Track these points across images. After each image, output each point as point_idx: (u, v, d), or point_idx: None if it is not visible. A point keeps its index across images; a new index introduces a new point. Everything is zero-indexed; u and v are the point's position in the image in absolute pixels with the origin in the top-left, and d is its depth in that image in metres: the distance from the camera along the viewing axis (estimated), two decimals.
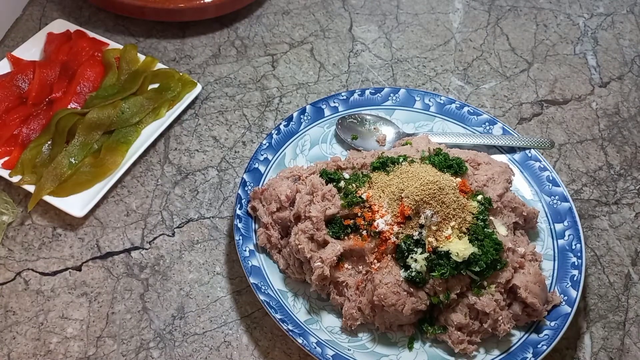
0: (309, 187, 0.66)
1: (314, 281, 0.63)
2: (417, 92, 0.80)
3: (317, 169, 0.70)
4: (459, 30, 0.98)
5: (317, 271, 0.62)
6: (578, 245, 0.69)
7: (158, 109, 0.81)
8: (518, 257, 0.64)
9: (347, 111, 0.79)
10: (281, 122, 0.77)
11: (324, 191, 0.65)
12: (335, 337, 0.64)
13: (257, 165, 0.73)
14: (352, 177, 0.68)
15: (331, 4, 1.00)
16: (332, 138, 0.78)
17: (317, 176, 0.68)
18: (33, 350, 0.65)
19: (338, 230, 0.65)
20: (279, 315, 0.62)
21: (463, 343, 0.62)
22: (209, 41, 0.93)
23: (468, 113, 0.79)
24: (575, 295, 0.65)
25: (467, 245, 0.61)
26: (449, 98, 0.80)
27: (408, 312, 0.61)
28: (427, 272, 0.62)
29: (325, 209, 0.64)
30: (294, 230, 0.65)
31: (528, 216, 0.70)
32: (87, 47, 0.85)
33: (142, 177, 0.78)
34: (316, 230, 0.64)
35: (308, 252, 0.63)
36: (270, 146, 0.75)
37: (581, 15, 1.01)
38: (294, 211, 0.66)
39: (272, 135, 0.75)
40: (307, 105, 0.78)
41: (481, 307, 0.61)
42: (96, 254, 0.71)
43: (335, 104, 0.79)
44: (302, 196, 0.66)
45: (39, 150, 0.75)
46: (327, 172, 0.68)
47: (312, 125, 0.78)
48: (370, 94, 0.81)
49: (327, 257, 0.62)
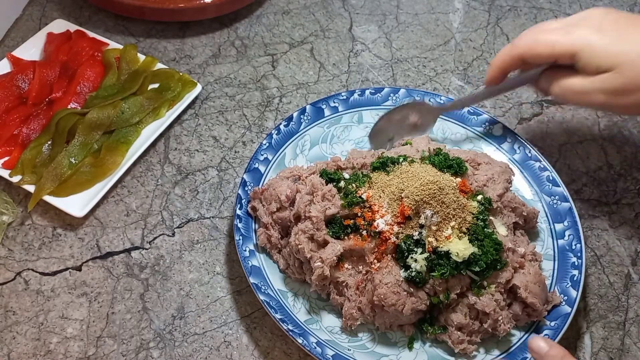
0: (309, 187, 0.66)
1: (314, 281, 0.63)
2: (417, 92, 0.80)
3: (317, 169, 0.70)
4: (459, 30, 0.98)
5: (317, 271, 0.62)
6: (578, 245, 0.69)
7: (158, 109, 0.81)
8: (518, 257, 0.65)
9: (346, 111, 0.79)
10: (281, 122, 0.77)
11: (324, 191, 0.65)
12: (335, 337, 0.64)
13: (257, 165, 0.73)
14: (352, 177, 0.68)
15: (331, 4, 1.00)
16: (332, 138, 0.78)
17: (317, 176, 0.68)
18: (33, 350, 0.65)
19: (338, 230, 0.65)
20: (279, 315, 0.63)
21: (463, 343, 0.62)
22: (209, 41, 0.93)
23: (468, 113, 0.79)
24: (575, 295, 0.65)
25: (467, 245, 0.61)
26: (449, 98, 0.80)
27: (408, 312, 0.61)
28: (427, 272, 0.62)
29: (326, 209, 0.64)
30: (294, 230, 0.65)
31: (528, 216, 0.70)
32: (87, 47, 0.85)
33: (142, 177, 0.78)
34: (316, 230, 0.64)
35: (308, 252, 0.63)
36: (271, 146, 0.75)
37: None
38: (294, 211, 0.66)
39: (272, 135, 0.75)
40: (307, 105, 0.78)
41: (481, 307, 0.61)
42: (96, 254, 0.72)
43: (335, 104, 0.79)
44: (302, 196, 0.66)
45: (39, 150, 0.76)
46: (327, 172, 0.68)
47: (312, 125, 0.78)
48: (370, 94, 0.80)
49: (327, 257, 0.62)
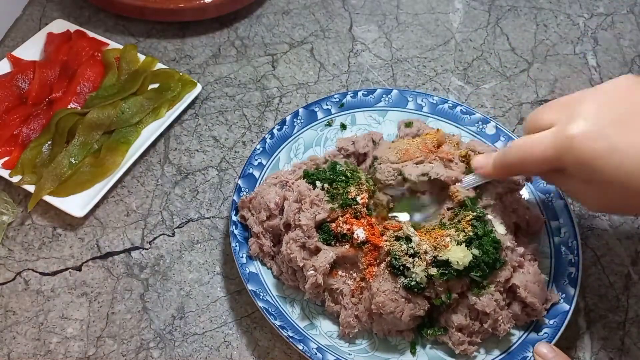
0: (296, 194, 0.65)
1: (308, 289, 0.63)
2: (409, 93, 0.81)
3: (301, 172, 0.69)
4: (459, 30, 0.98)
5: (310, 280, 0.62)
6: (574, 243, 0.69)
7: (158, 109, 0.81)
8: (517, 257, 0.64)
9: (340, 114, 0.79)
10: (274, 126, 0.76)
11: (312, 197, 0.65)
12: (335, 342, 0.64)
13: (252, 171, 0.73)
14: (339, 172, 0.67)
15: (331, 4, 1.00)
16: (326, 141, 0.78)
17: (303, 182, 0.67)
18: (33, 350, 0.65)
19: (329, 237, 0.64)
20: (278, 322, 0.62)
21: (464, 344, 0.62)
22: (209, 41, 0.93)
23: (461, 112, 0.79)
24: (573, 292, 0.65)
25: (466, 252, 0.61)
26: (442, 98, 0.80)
27: (407, 318, 0.60)
28: (427, 280, 0.61)
29: (315, 215, 0.64)
30: (285, 239, 0.64)
31: (531, 220, 0.69)
32: (87, 47, 0.85)
33: (142, 177, 0.78)
34: (307, 238, 0.63)
35: (300, 260, 0.63)
36: (264, 151, 0.75)
37: (581, 15, 1.01)
38: (283, 220, 0.65)
39: (265, 140, 0.75)
40: (300, 109, 0.78)
41: (481, 308, 0.61)
42: (96, 254, 0.72)
43: (328, 106, 0.79)
44: (290, 204, 0.65)
45: (39, 150, 0.76)
46: (310, 173, 0.68)
47: (306, 129, 0.78)
48: (362, 95, 0.80)
49: (320, 265, 0.62)
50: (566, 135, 0.52)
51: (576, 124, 0.52)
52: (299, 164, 0.73)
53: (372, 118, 0.80)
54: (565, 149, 0.52)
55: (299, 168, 0.71)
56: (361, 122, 0.80)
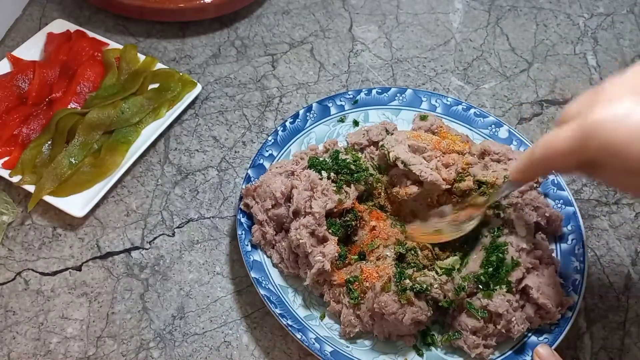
0: (308, 183, 0.66)
1: (312, 275, 0.63)
2: (423, 93, 0.80)
3: (306, 163, 0.70)
4: (459, 30, 0.98)
5: (317, 265, 0.62)
6: (581, 250, 0.68)
7: (158, 109, 0.81)
8: (531, 258, 0.64)
9: (353, 110, 0.79)
10: (287, 118, 0.77)
11: (323, 187, 0.66)
12: (334, 334, 0.64)
13: (262, 161, 0.73)
14: (342, 164, 0.69)
15: (331, 4, 1.00)
16: (338, 137, 0.78)
17: (313, 172, 0.68)
18: (33, 350, 0.65)
19: (336, 229, 0.65)
20: (278, 310, 0.62)
21: (479, 347, 0.61)
22: (209, 41, 0.93)
23: (474, 115, 0.79)
24: (576, 299, 0.65)
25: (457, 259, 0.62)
26: (456, 100, 0.80)
27: (408, 321, 0.60)
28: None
29: (326, 204, 0.64)
30: (294, 225, 0.64)
31: (551, 217, 0.68)
32: (87, 47, 0.85)
33: (142, 177, 0.78)
34: (317, 225, 0.64)
35: (309, 247, 0.63)
36: (276, 142, 0.75)
37: (581, 15, 1.02)
38: (293, 207, 0.65)
39: (277, 132, 0.75)
40: (313, 103, 0.78)
41: (494, 308, 0.60)
42: (96, 254, 0.72)
43: (342, 102, 0.80)
44: (300, 192, 0.65)
45: (39, 150, 0.76)
46: (315, 163, 0.69)
47: (318, 123, 0.78)
48: (377, 93, 0.81)
49: (328, 252, 0.63)
50: (588, 122, 0.49)
51: (597, 110, 0.49)
52: (300, 154, 0.73)
53: (385, 116, 0.80)
54: (588, 136, 0.49)
55: (301, 158, 0.72)
56: (374, 119, 0.80)
